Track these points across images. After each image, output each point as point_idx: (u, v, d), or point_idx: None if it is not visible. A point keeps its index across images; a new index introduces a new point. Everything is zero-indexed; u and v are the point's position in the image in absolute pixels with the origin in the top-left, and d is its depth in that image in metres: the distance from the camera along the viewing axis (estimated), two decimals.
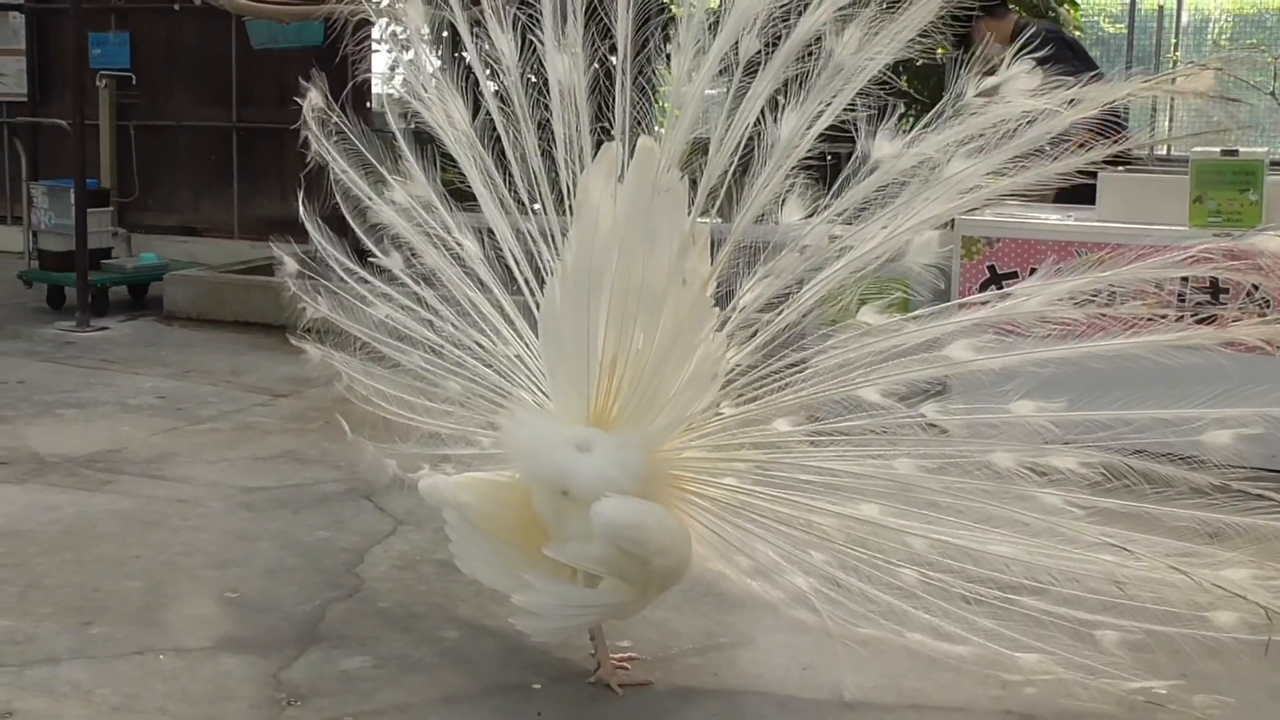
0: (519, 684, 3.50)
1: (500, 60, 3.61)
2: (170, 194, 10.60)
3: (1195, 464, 3.08)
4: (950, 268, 5.19)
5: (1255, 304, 3.15)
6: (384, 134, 3.97)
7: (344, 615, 3.92)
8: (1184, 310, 3.19)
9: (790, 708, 3.41)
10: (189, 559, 4.37)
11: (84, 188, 8.37)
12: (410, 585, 4.16)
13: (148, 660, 3.60)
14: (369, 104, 8.78)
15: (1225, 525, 3.07)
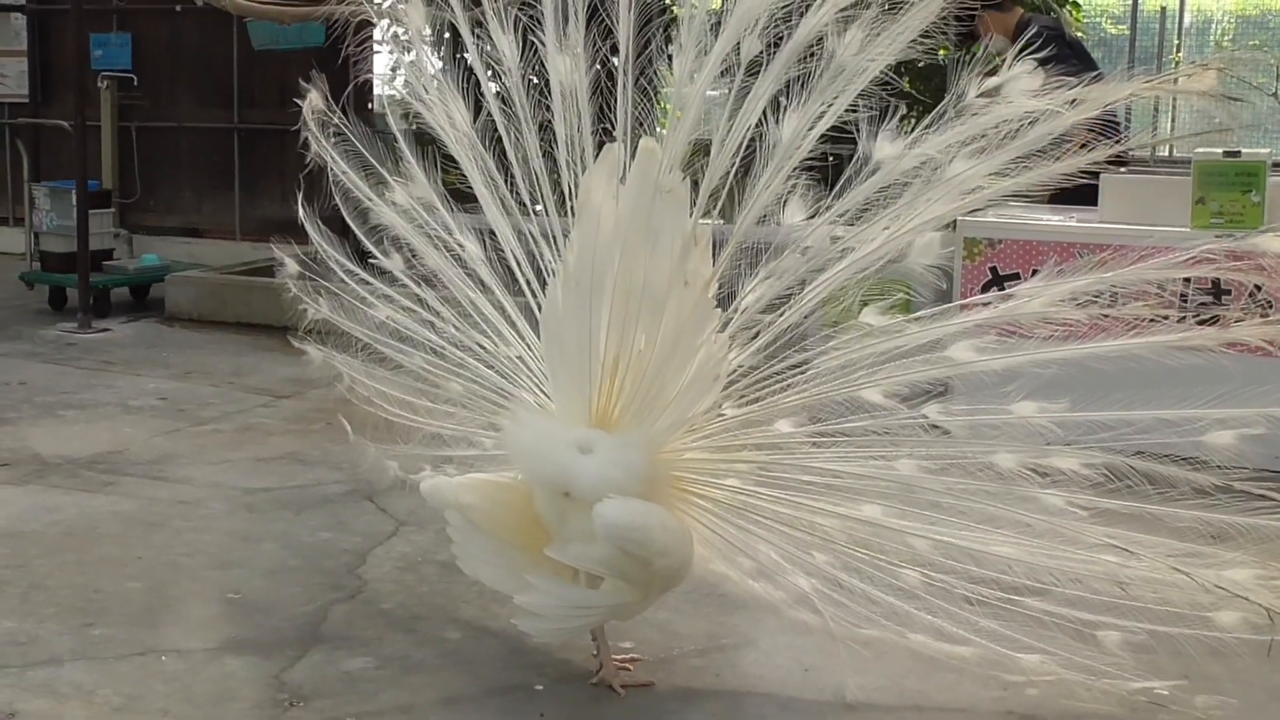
0: (521, 685, 3.50)
1: (502, 61, 3.61)
2: (172, 195, 10.60)
3: (1198, 464, 3.09)
4: (952, 269, 5.19)
5: (1257, 304, 3.14)
6: (385, 135, 3.97)
7: (346, 616, 3.92)
8: (1186, 311, 3.18)
9: (792, 709, 3.41)
10: (191, 560, 4.37)
11: (85, 189, 8.36)
12: (412, 586, 4.16)
13: (150, 661, 3.60)
14: (370, 105, 8.78)
15: (1228, 526, 3.07)
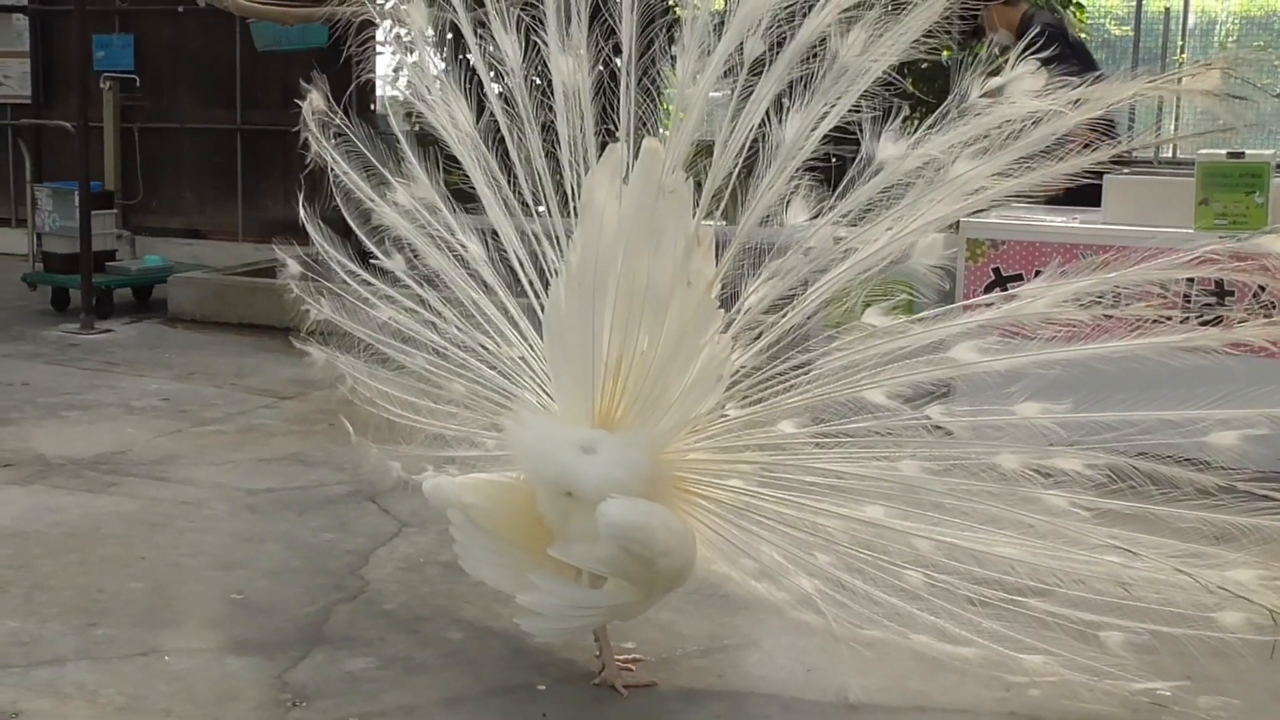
0: (524, 685, 3.50)
1: (504, 61, 3.61)
2: (174, 196, 10.61)
3: (1201, 465, 3.08)
4: (955, 270, 5.18)
5: (1261, 305, 3.14)
6: (388, 136, 3.97)
7: (349, 617, 3.92)
8: (1189, 312, 3.17)
9: (795, 709, 3.41)
10: (194, 560, 4.37)
11: (88, 190, 8.36)
12: (415, 587, 4.16)
13: (153, 661, 3.60)
14: (373, 106, 8.78)
15: (1231, 527, 3.06)
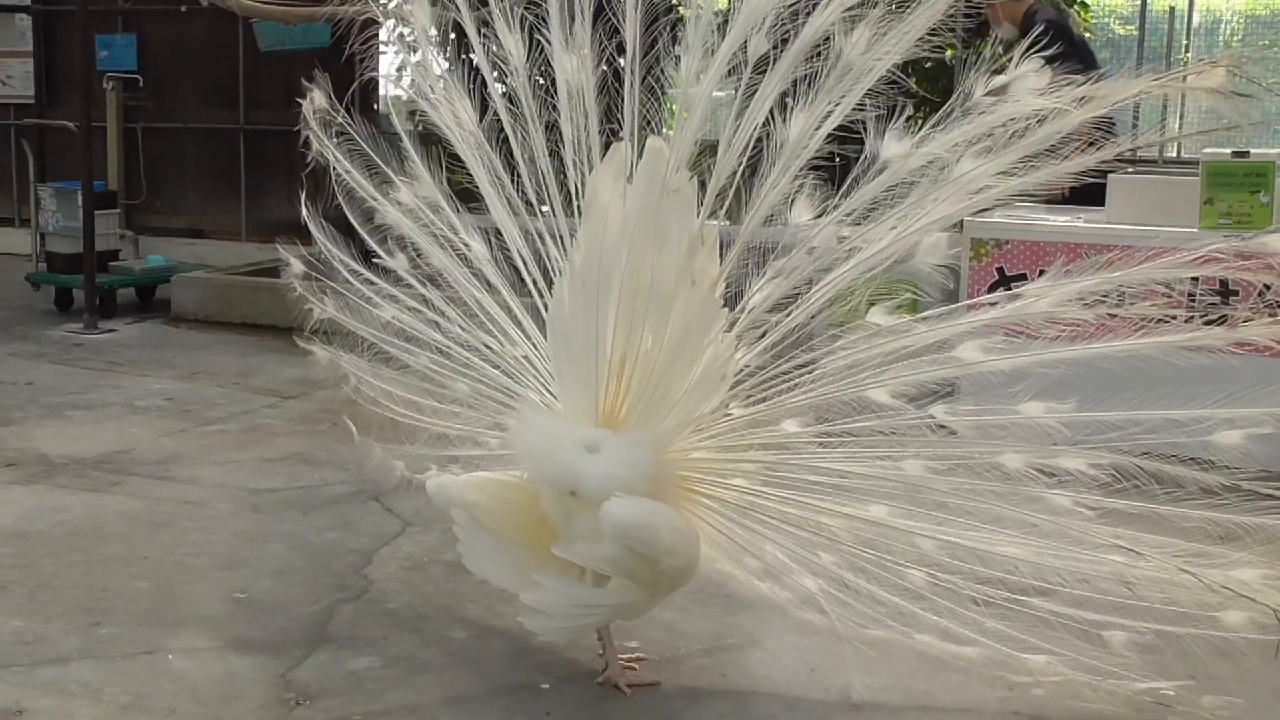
0: (527, 684, 3.50)
1: (508, 60, 3.61)
2: (178, 196, 10.62)
3: (1205, 465, 3.08)
4: (959, 269, 5.17)
5: (1266, 304, 3.13)
6: (391, 135, 3.97)
7: (352, 616, 3.92)
8: (1194, 311, 3.17)
9: (798, 708, 3.40)
10: (197, 560, 4.37)
11: (91, 190, 8.37)
12: (418, 586, 4.16)
13: (156, 660, 3.60)
14: (376, 106, 8.78)
15: (1235, 526, 3.06)
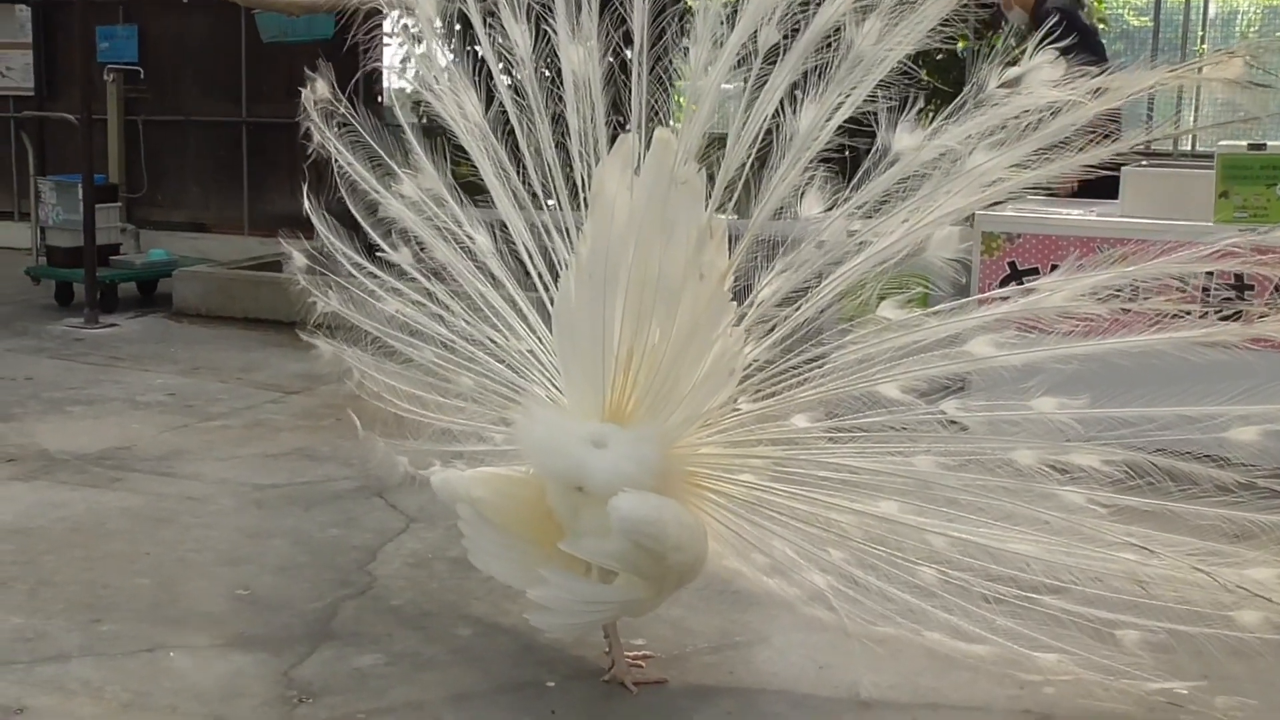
0: (533, 682, 3.47)
1: (514, 51, 3.57)
2: (179, 190, 10.59)
3: (1220, 462, 3.05)
4: (971, 263, 5.13)
5: None
6: (394, 127, 3.93)
7: (356, 613, 3.90)
8: (1209, 306, 3.13)
9: (806, 706, 3.38)
10: (199, 556, 4.34)
11: (92, 183, 8.35)
12: (423, 583, 4.13)
13: (158, 658, 3.57)
14: (380, 98, 8.74)
15: (1250, 524, 3.03)
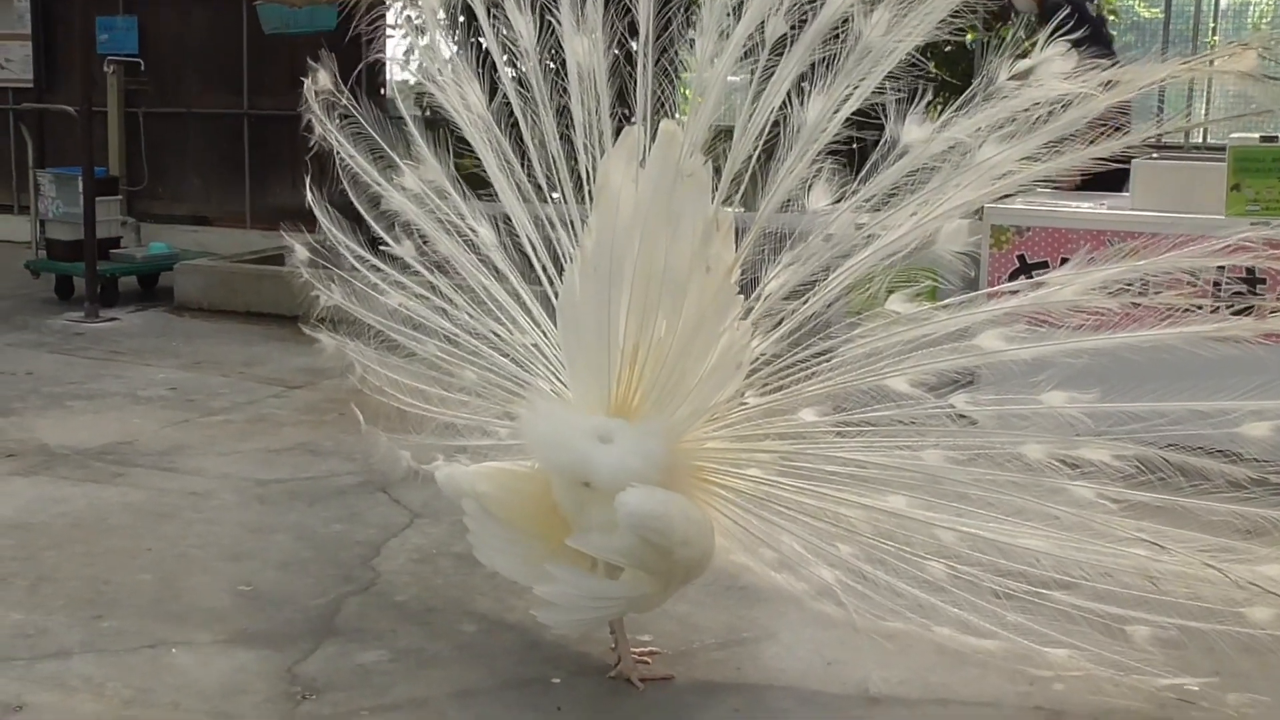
0: (538, 678, 3.45)
1: (518, 43, 3.55)
2: (180, 182, 10.56)
3: (1232, 457, 3.02)
4: (980, 256, 5.10)
5: None
6: (397, 119, 3.91)
7: (360, 609, 3.88)
8: (1220, 300, 3.11)
9: (814, 703, 3.36)
10: (202, 552, 4.32)
11: (92, 176, 8.32)
12: (427, 579, 4.11)
13: (160, 654, 3.55)
14: (383, 90, 8.71)
15: (1263, 520, 3.01)
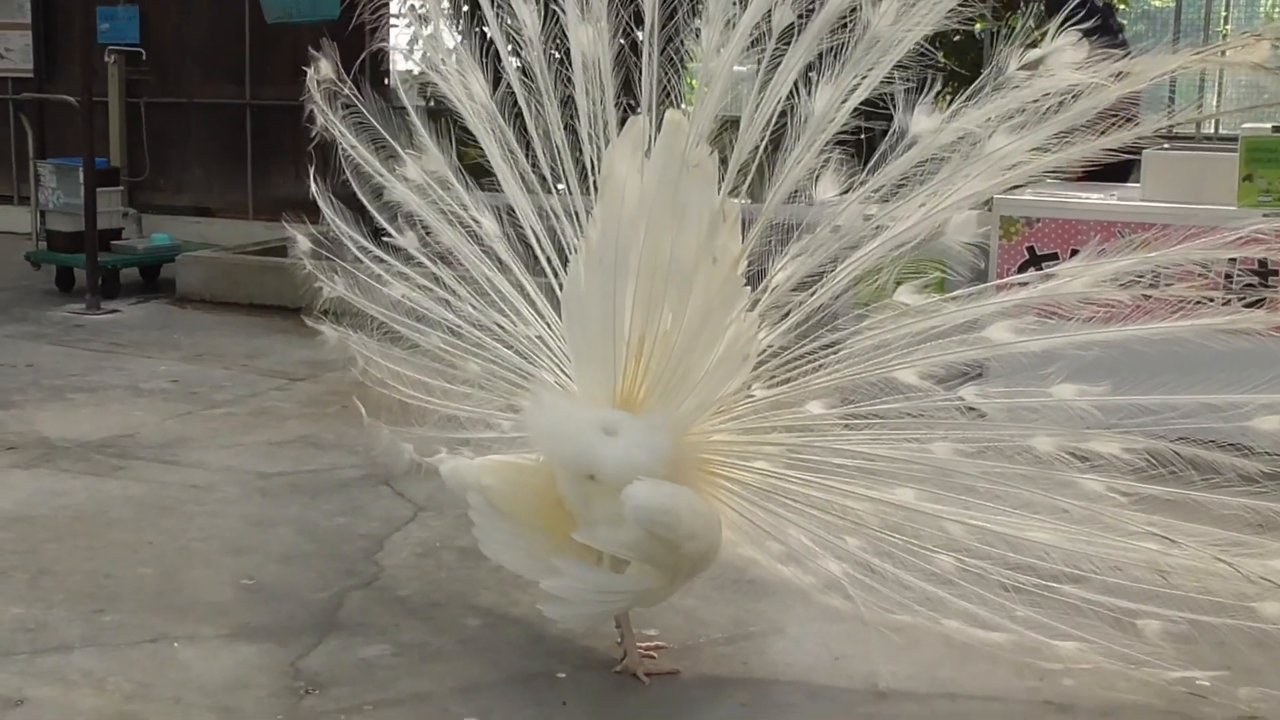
0: (543, 673, 3.44)
1: (522, 32, 3.52)
2: (182, 173, 10.53)
3: (1244, 451, 3.01)
4: (989, 248, 5.08)
5: None
6: (400, 109, 3.89)
7: (363, 603, 3.86)
8: (1232, 293, 3.08)
9: (822, 697, 3.34)
10: (204, 545, 4.30)
11: (93, 166, 8.28)
12: (431, 572, 4.09)
13: (162, 648, 3.53)
14: (387, 80, 8.67)
15: (1274, 514, 2.99)
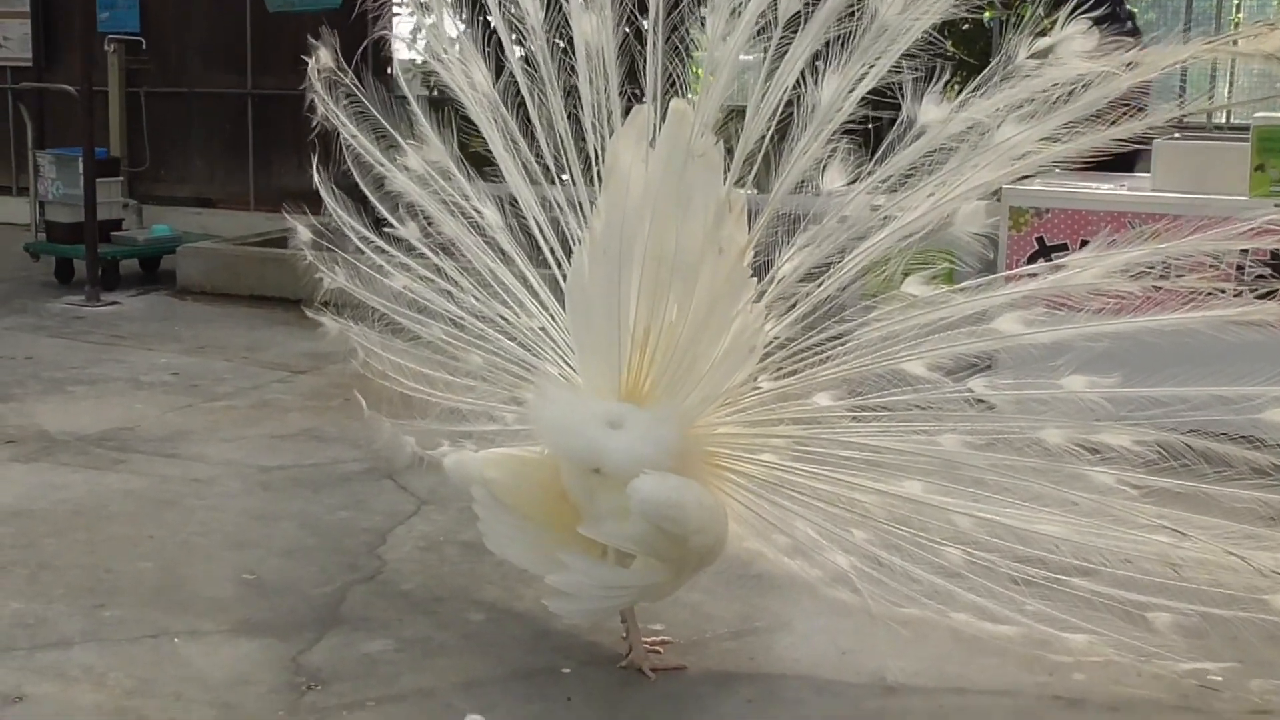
0: (547, 668, 3.42)
1: (525, 21, 3.49)
2: (183, 164, 10.49)
3: (1255, 443, 2.99)
4: (998, 238, 5.06)
5: None
6: (402, 99, 3.86)
7: (365, 597, 3.84)
8: (1244, 284, 3.06)
9: (829, 692, 3.32)
10: (205, 539, 4.28)
11: (93, 157, 8.25)
12: (434, 567, 4.07)
13: (162, 643, 3.52)
14: (389, 69, 8.64)
15: None
